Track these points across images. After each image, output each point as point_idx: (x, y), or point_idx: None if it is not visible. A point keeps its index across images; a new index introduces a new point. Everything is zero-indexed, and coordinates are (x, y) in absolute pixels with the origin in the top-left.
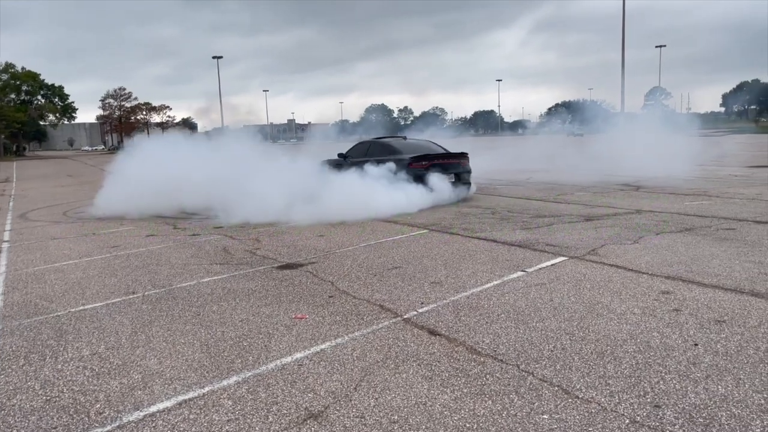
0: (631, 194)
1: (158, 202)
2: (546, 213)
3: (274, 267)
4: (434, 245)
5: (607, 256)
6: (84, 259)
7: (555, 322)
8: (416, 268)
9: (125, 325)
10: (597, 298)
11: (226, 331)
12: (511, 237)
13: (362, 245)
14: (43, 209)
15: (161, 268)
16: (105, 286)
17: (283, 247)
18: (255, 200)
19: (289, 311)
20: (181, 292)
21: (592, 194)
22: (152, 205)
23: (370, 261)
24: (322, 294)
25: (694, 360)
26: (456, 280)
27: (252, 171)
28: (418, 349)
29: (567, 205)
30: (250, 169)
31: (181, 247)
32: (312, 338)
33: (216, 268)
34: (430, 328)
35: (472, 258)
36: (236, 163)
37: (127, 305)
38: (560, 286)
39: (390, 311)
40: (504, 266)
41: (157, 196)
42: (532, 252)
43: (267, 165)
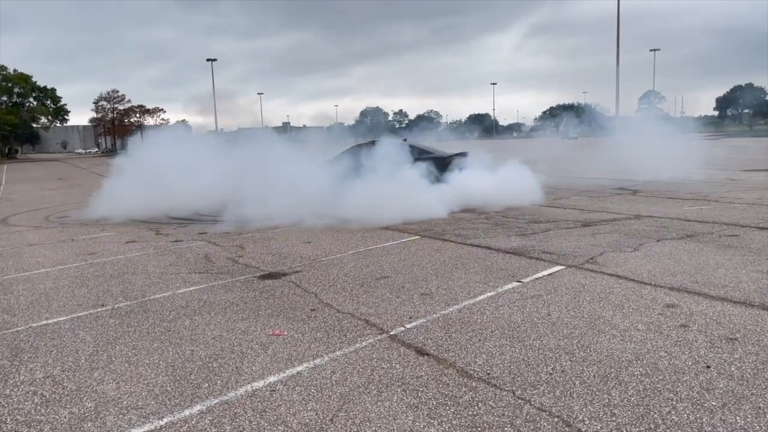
0: (628, 198)
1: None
2: (542, 218)
3: (256, 276)
4: (425, 253)
5: (607, 265)
6: (57, 267)
7: (553, 340)
8: (406, 277)
9: (87, 343)
10: (598, 312)
11: (196, 350)
12: (506, 244)
13: (350, 252)
14: (26, 213)
15: (136, 277)
16: (73, 298)
17: (268, 254)
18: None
19: (266, 327)
20: (154, 304)
21: (588, 198)
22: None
23: (358, 270)
24: (304, 307)
25: (708, 385)
26: (447, 292)
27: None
28: (404, 372)
29: (563, 210)
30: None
31: (161, 254)
32: (288, 358)
33: (194, 277)
34: (418, 346)
35: (465, 267)
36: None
37: (94, 319)
38: (558, 299)
39: (375, 327)
40: (498, 276)
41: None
42: (527, 260)
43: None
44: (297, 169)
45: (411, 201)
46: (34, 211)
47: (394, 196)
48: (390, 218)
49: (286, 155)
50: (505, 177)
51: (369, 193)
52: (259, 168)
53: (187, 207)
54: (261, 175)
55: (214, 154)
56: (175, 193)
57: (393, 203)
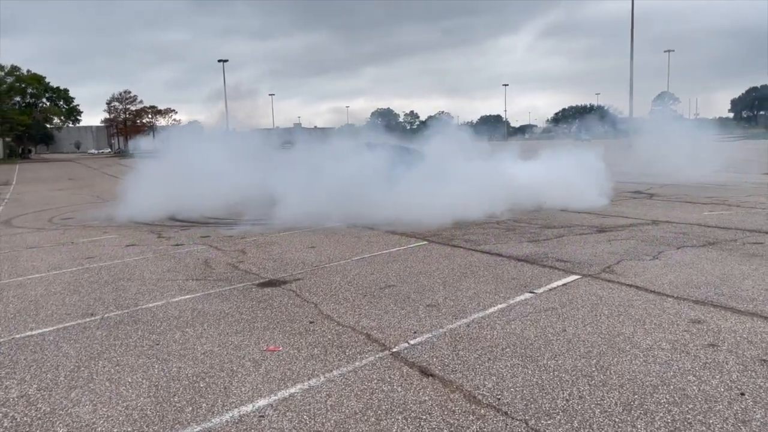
0: (644, 202)
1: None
2: (555, 223)
3: (255, 284)
4: (433, 259)
5: (625, 275)
6: (52, 272)
7: (570, 360)
8: (411, 287)
9: (70, 358)
10: (617, 328)
11: (183, 368)
12: (518, 250)
13: (355, 259)
14: (31, 214)
15: (131, 284)
16: (63, 306)
17: (269, 260)
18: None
19: (261, 341)
20: (145, 314)
21: (603, 202)
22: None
23: (362, 278)
24: (303, 319)
25: (744, 416)
26: (455, 303)
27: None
28: (406, 396)
29: (577, 214)
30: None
31: (160, 259)
32: (281, 378)
33: (191, 284)
34: (422, 365)
35: (475, 275)
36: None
37: (81, 331)
38: (574, 312)
39: (377, 342)
40: (510, 286)
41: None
42: (540, 268)
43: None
44: (341, 167)
45: (461, 200)
46: (39, 212)
47: (446, 195)
48: (436, 218)
49: (331, 154)
50: (564, 173)
51: (416, 192)
52: (300, 167)
53: (211, 207)
54: (299, 173)
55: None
56: (198, 193)
57: (442, 201)
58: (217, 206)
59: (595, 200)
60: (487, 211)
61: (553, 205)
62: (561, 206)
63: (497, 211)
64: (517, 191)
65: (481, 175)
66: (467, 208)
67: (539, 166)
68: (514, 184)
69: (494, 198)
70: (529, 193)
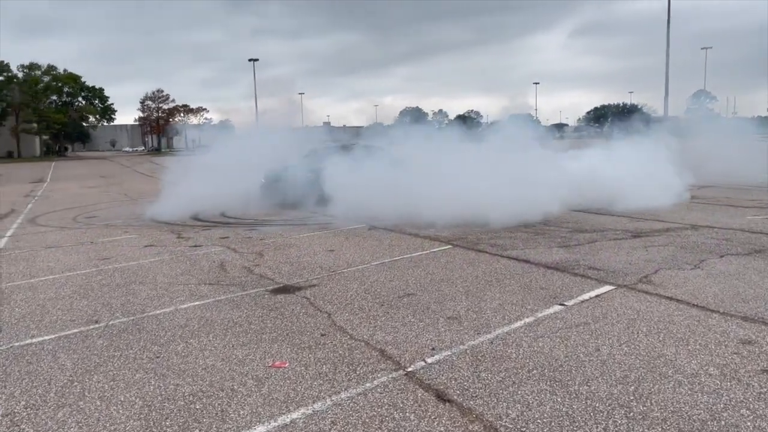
0: (682, 205)
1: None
2: (587, 227)
3: (268, 290)
4: (457, 265)
5: (664, 286)
6: (66, 273)
7: (604, 386)
8: (432, 296)
9: (65, 370)
10: (658, 349)
11: (180, 385)
12: (547, 257)
13: (374, 263)
14: (57, 212)
15: (142, 288)
16: (70, 311)
17: (286, 263)
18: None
19: (267, 355)
20: (151, 322)
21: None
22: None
23: (380, 285)
24: (314, 330)
25: None
26: (478, 316)
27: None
28: (419, 426)
29: (610, 217)
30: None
31: (176, 261)
32: (284, 400)
33: (203, 289)
34: (439, 389)
35: (500, 284)
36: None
37: (82, 339)
38: (608, 328)
39: (391, 360)
40: (538, 297)
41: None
42: (571, 277)
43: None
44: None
45: (528, 197)
46: (66, 210)
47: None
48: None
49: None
50: (638, 167)
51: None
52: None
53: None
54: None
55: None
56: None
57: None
58: (262, 205)
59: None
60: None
61: (626, 205)
62: (632, 206)
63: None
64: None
65: (544, 172)
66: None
67: (601, 160)
68: (579, 181)
69: (556, 195)
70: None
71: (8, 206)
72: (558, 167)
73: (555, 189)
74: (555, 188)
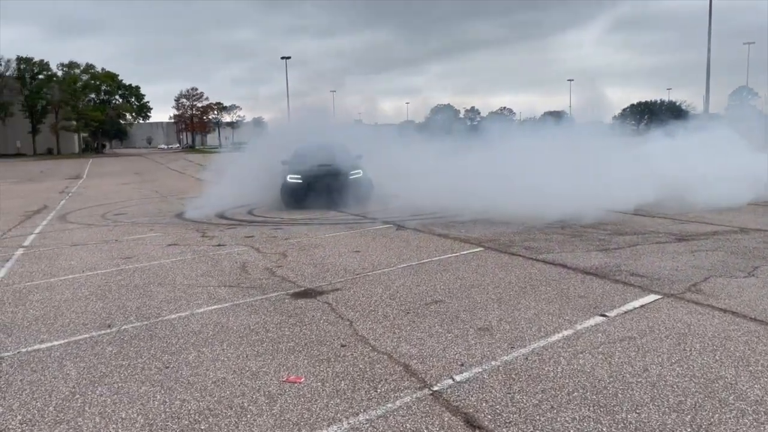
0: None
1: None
2: (627, 229)
3: (289, 294)
4: (488, 270)
5: (716, 296)
6: (86, 273)
7: (656, 414)
8: (462, 303)
9: (69, 380)
10: (715, 370)
11: (188, 401)
12: (585, 261)
13: (401, 266)
14: (88, 209)
15: (160, 289)
16: (84, 314)
17: (309, 265)
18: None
19: (282, 368)
20: (165, 327)
21: (679, 204)
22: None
23: (406, 290)
24: (333, 340)
25: None
26: (512, 327)
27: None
28: None
29: (651, 218)
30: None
31: (197, 261)
32: (297, 422)
33: (222, 292)
34: (468, 412)
35: (535, 291)
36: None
37: (91, 346)
38: (657, 345)
39: (416, 376)
40: (576, 306)
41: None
42: (612, 284)
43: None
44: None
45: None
46: (97, 206)
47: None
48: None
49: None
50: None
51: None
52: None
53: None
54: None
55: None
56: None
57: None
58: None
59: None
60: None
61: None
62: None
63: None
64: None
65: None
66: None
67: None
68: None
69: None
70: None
71: (42, 202)
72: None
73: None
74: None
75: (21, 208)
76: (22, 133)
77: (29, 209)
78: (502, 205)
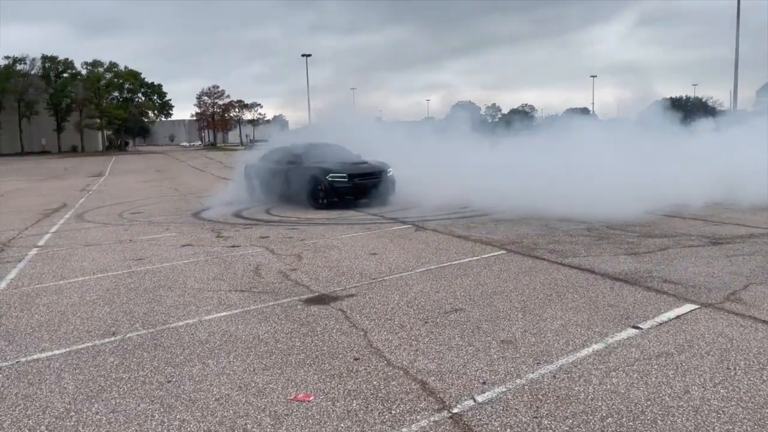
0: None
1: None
2: (657, 231)
3: (302, 300)
4: (511, 275)
5: (758, 306)
6: (96, 275)
7: None
8: (483, 312)
9: (65, 395)
10: (763, 393)
11: (187, 421)
12: (614, 266)
13: (419, 270)
14: (107, 208)
15: (170, 294)
16: (89, 320)
17: (324, 268)
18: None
19: (291, 384)
20: (171, 336)
21: (710, 205)
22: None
23: (424, 296)
24: (346, 353)
25: None
26: (537, 339)
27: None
28: None
29: (682, 219)
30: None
31: (210, 263)
32: None
33: (233, 297)
34: None
35: (561, 299)
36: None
37: (93, 356)
38: (697, 362)
39: (434, 396)
40: (607, 317)
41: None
42: (644, 292)
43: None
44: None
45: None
46: (115, 205)
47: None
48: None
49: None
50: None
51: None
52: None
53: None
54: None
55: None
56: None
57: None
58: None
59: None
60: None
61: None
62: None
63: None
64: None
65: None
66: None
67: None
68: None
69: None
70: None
71: (62, 200)
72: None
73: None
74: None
75: (41, 206)
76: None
77: (49, 207)
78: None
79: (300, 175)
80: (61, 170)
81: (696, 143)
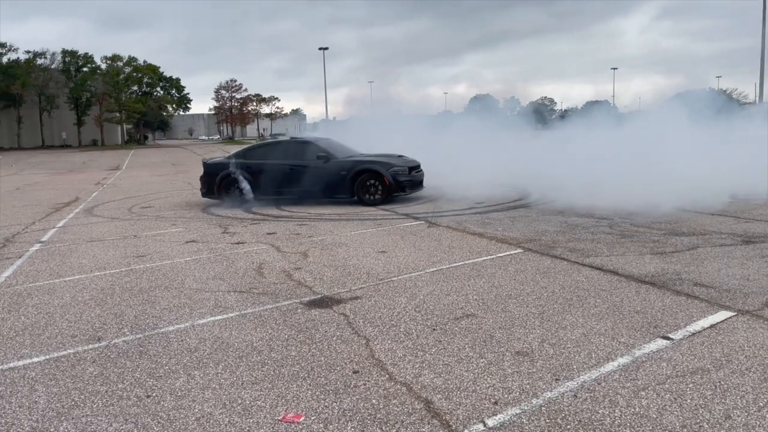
0: None
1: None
2: (684, 228)
3: (303, 302)
4: (528, 276)
5: None
6: (93, 273)
7: None
8: (497, 318)
9: (34, 412)
10: None
11: None
12: (639, 267)
13: (430, 270)
14: (117, 202)
15: (165, 294)
16: (76, 323)
17: (330, 267)
18: None
19: (281, 401)
20: (159, 342)
21: (738, 201)
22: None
23: (433, 300)
24: (345, 364)
25: None
26: (556, 351)
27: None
28: None
29: (711, 216)
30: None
31: (212, 261)
32: None
33: (231, 298)
34: None
35: (583, 304)
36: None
37: (72, 365)
38: (737, 380)
39: (439, 418)
40: (633, 325)
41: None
42: (673, 297)
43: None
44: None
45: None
46: (127, 199)
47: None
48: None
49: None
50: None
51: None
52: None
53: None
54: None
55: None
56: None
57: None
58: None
59: None
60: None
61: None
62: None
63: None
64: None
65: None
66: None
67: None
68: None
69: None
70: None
71: (75, 194)
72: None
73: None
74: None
75: (52, 200)
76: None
77: (60, 201)
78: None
79: (332, 171)
80: (80, 164)
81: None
